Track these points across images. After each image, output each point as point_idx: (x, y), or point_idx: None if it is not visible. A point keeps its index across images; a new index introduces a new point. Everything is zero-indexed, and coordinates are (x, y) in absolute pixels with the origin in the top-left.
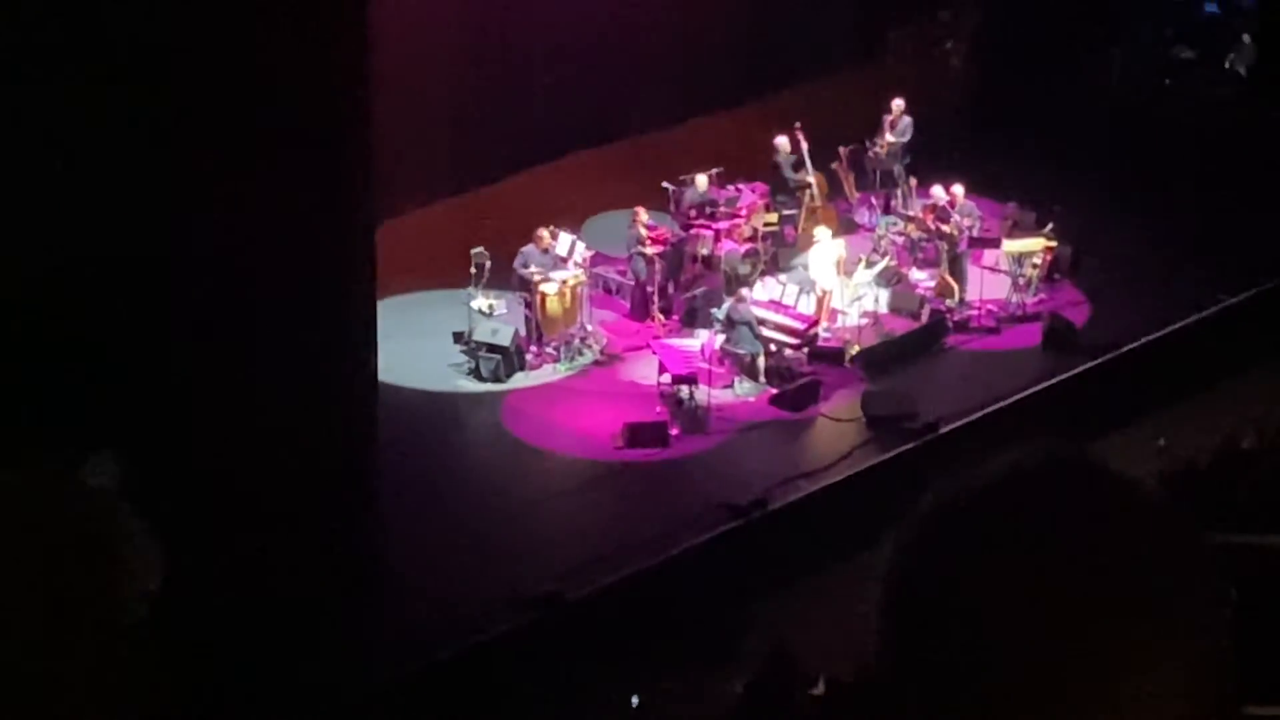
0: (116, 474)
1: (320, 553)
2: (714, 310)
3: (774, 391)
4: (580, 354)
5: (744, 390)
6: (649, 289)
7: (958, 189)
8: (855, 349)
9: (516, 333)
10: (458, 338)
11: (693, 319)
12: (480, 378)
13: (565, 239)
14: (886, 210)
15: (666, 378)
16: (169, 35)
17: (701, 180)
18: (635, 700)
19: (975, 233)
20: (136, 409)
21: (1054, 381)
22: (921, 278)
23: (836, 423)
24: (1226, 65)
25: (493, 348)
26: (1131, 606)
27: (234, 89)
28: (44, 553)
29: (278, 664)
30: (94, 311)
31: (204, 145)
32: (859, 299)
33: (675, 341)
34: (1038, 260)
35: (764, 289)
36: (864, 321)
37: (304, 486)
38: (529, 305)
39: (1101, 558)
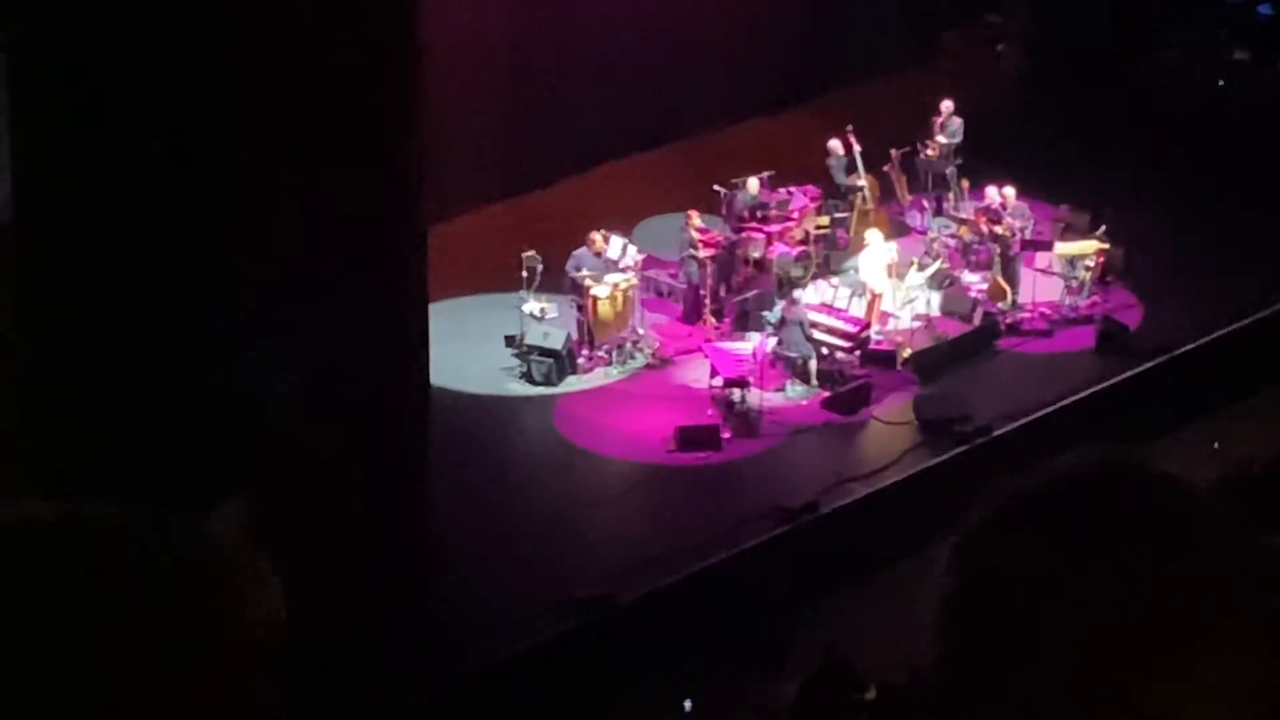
0: (242, 520)
1: (373, 556)
2: (766, 313)
3: (826, 394)
4: (632, 357)
5: (796, 393)
6: (701, 292)
7: (1009, 191)
8: (907, 352)
9: (568, 336)
10: (510, 341)
11: (744, 322)
12: (532, 381)
13: (617, 242)
14: (938, 213)
15: (718, 381)
16: (220, 40)
17: (753, 183)
18: (688, 704)
19: (1027, 235)
20: (186, 414)
21: (1107, 385)
22: (974, 280)
23: (889, 426)
24: None
25: (544, 351)
26: (1187, 611)
27: (285, 93)
28: (163, 599)
29: (330, 667)
30: (145, 315)
31: (256, 150)
32: (911, 302)
33: (727, 345)
34: (1090, 263)
35: (816, 292)
36: (916, 324)
37: (356, 490)
38: (581, 309)
39: (1157, 562)
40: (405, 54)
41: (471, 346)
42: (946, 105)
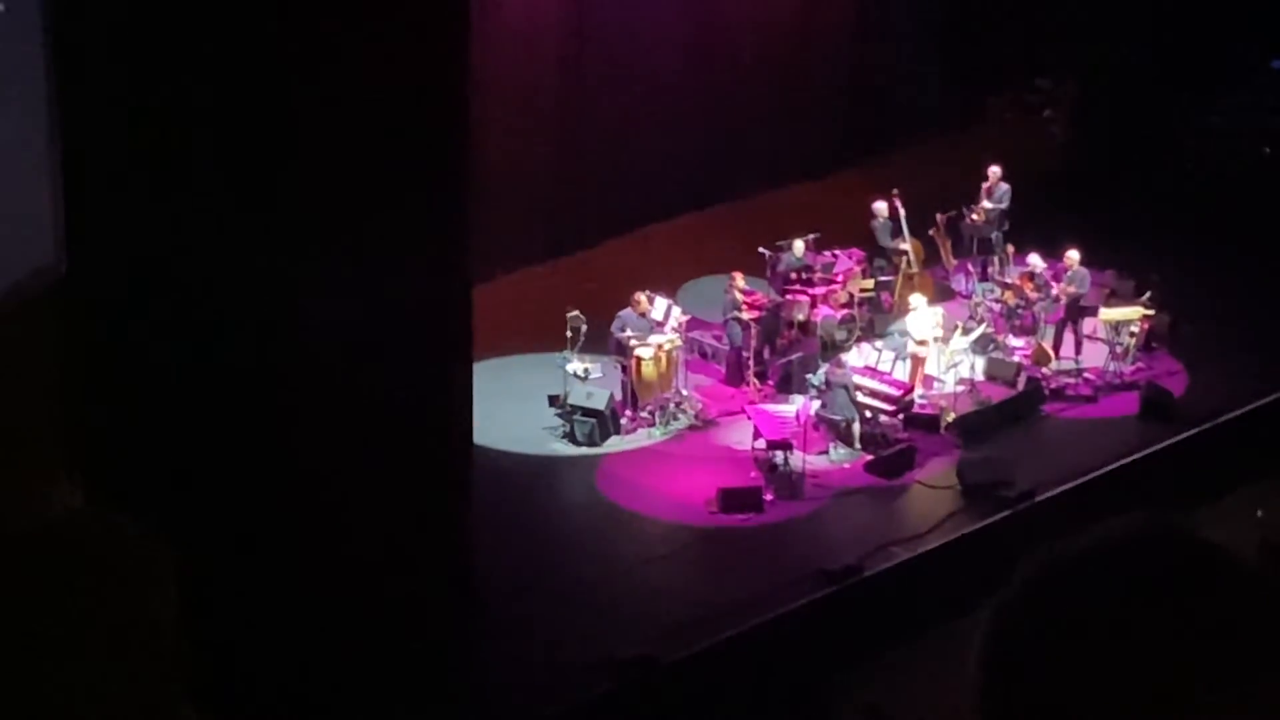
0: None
1: (413, 615)
2: (809, 376)
3: (869, 458)
4: (675, 418)
5: (839, 456)
6: (744, 354)
7: (1073, 254)
8: (951, 416)
9: (611, 397)
10: (553, 401)
11: (788, 384)
12: (575, 441)
13: (661, 303)
14: (983, 277)
15: (761, 443)
16: (274, 95)
17: (798, 246)
18: None
19: (1082, 301)
20: (229, 469)
21: (1151, 451)
22: (1018, 345)
23: (932, 490)
24: None
25: (588, 411)
26: (1229, 677)
27: (333, 152)
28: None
29: None
30: (193, 365)
31: (305, 208)
32: (955, 366)
33: (770, 407)
34: (1135, 329)
35: (859, 355)
36: (960, 388)
37: (399, 548)
38: (624, 369)
39: (1198, 629)
40: (455, 114)
41: (515, 406)
42: (994, 171)
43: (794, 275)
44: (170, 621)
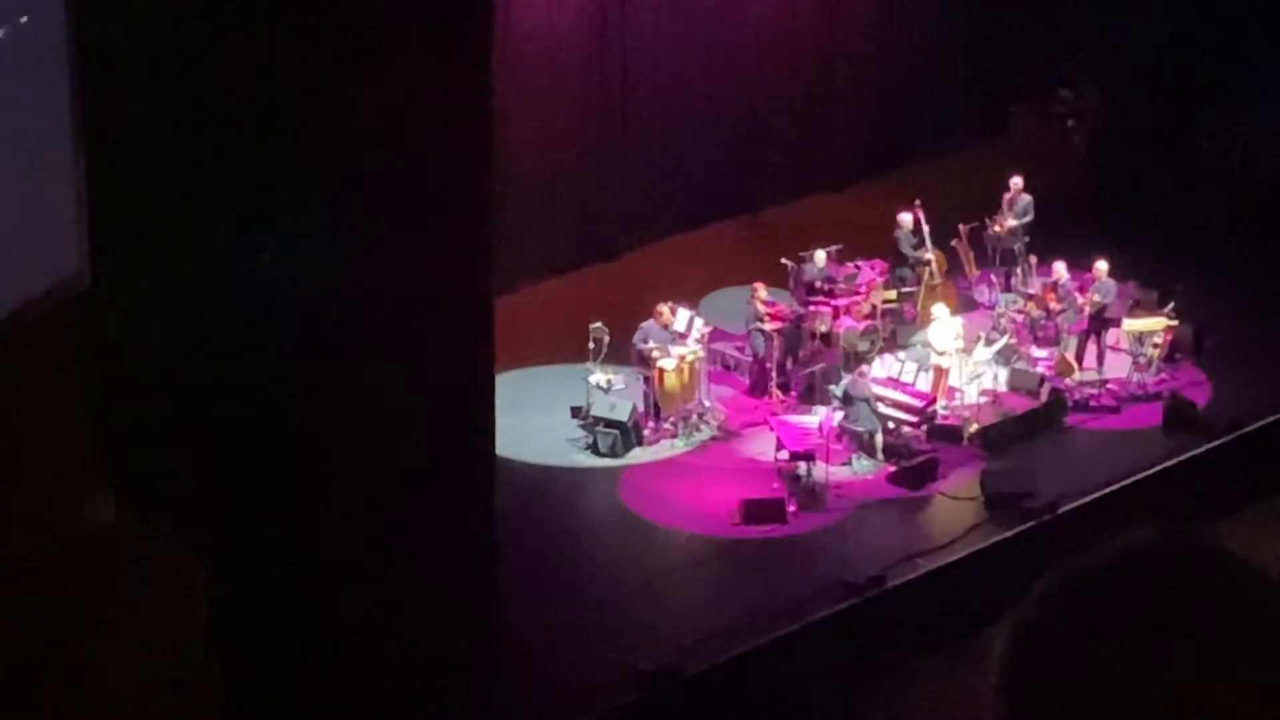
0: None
1: (437, 627)
2: (832, 387)
3: (892, 469)
4: (698, 430)
5: (862, 467)
6: (767, 365)
7: (1101, 265)
8: (974, 427)
9: (634, 408)
10: (576, 412)
11: (811, 395)
12: (598, 453)
13: (684, 315)
14: (1006, 288)
15: (784, 454)
16: (293, 101)
17: (820, 257)
18: None
19: (1107, 313)
20: (250, 480)
21: (1175, 462)
22: (1041, 356)
23: (955, 501)
24: None
25: (610, 423)
26: (1252, 692)
27: (355, 164)
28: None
29: None
30: (218, 377)
31: (327, 219)
32: (978, 377)
33: (793, 418)
34: (1159, 340)
35: (882, 366)
36: (983, 400)
37: (421, 561)
38: (647, 381)
39: (1222, 642)
40: (478, 124)
41: (537, 417)
42: (1016, 182)
43: (816, 286)
44: (200, 639)
